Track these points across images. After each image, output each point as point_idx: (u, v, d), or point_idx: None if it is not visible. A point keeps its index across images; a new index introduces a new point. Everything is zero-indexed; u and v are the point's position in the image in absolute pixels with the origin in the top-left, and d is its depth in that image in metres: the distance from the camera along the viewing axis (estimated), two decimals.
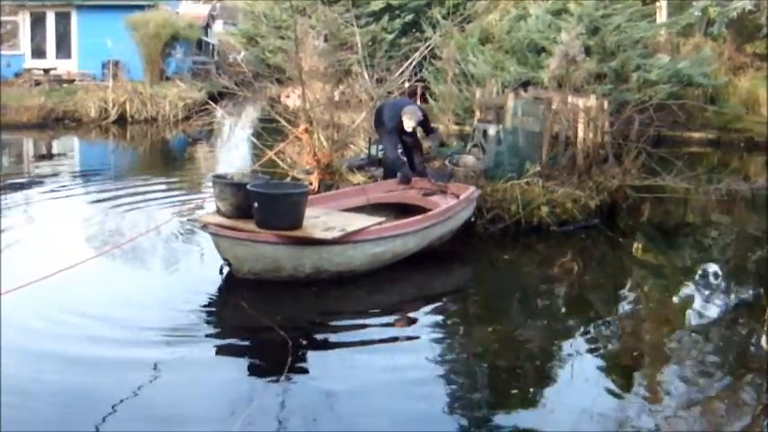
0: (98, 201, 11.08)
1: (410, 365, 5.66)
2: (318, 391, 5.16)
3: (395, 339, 6.29)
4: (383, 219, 7.96)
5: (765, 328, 6.91)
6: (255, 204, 7.08)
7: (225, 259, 7.22)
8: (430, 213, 8.23)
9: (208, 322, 6.52)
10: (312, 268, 7.19)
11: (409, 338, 6.34)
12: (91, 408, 4.80)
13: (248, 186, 7.20)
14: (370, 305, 7.20)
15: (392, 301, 7.40)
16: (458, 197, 8.74)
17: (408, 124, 9.26)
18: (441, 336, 6.55)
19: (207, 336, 6.18)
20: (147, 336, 5.95)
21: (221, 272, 7.32)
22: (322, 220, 7.53)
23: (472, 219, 9.10)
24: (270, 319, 6.22)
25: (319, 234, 7.08)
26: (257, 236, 7.03)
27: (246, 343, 6.22)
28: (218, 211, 7.50)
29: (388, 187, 9.25)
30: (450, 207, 8.40)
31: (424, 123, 9.72)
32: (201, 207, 9.65)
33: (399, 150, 9.69)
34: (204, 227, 7.40)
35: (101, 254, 7.71)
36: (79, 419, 4.69)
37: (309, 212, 7.58)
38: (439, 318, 6.97)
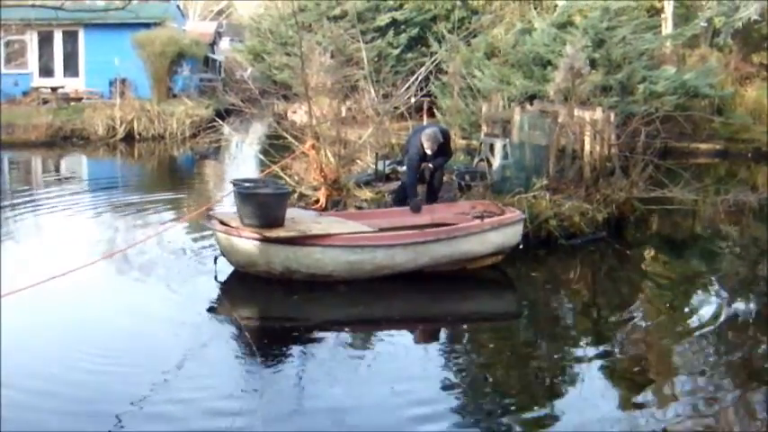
0: (105, 215, 11.21)
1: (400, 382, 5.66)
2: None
3: (373, 349, 6.33)
4: (374, 229, 8.01)
5: None
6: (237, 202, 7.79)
7: (220, 251, 7.96)
8: (427, 231, 8.07)
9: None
10: (282, 267, 7.55)
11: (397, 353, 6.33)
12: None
13: (234, 186, 7.77)
14: (353, 315, 7.28)
15: (382, 313, 7.46)
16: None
17: (429, 146, 8.99)
18: (437, 348, 6.56)
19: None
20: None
21: (215, 262, 8.07)
22: (314, 225, 7.82)
23: (521, 246, 8.69)
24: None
25: (275, 233, 7.44)
26: (233, 231, 7.58)
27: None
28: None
29: (458, 209, 9.02)
30: (457, 228, 8.17)
31: (445, 147, 9.31)
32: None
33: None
34: (209, 219, 8.13)
35: (95, 261, 7.67)
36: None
37: (319, 218, 8.20)
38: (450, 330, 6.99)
